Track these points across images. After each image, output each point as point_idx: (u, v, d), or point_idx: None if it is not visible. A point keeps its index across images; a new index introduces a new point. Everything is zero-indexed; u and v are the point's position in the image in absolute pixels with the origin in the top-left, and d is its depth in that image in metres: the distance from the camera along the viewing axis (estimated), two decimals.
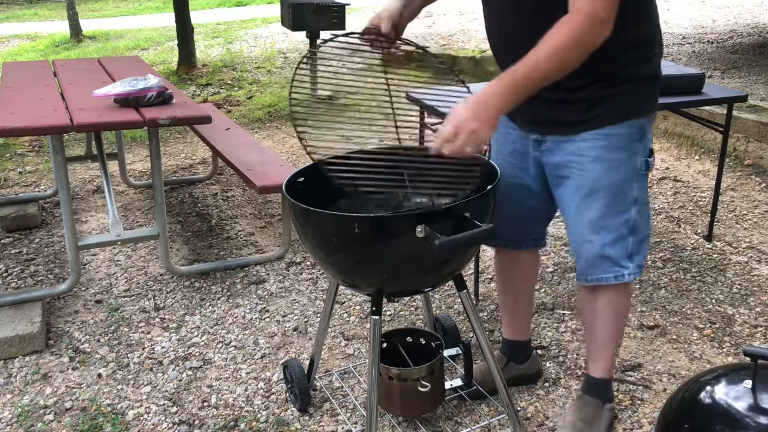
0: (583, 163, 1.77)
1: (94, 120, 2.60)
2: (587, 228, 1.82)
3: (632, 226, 1.81)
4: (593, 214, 1.80)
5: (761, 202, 3.69)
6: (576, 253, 1.88)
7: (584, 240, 1.83)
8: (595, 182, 1.77)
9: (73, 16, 10.75)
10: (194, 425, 2.14)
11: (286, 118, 5.63)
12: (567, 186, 1.82)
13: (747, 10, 9.22)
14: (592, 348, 2.02)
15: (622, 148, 1.76)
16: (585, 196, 1.79)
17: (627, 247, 1.83)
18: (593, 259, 1.84)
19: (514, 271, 2.16)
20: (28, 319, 2.56)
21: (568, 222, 1.87)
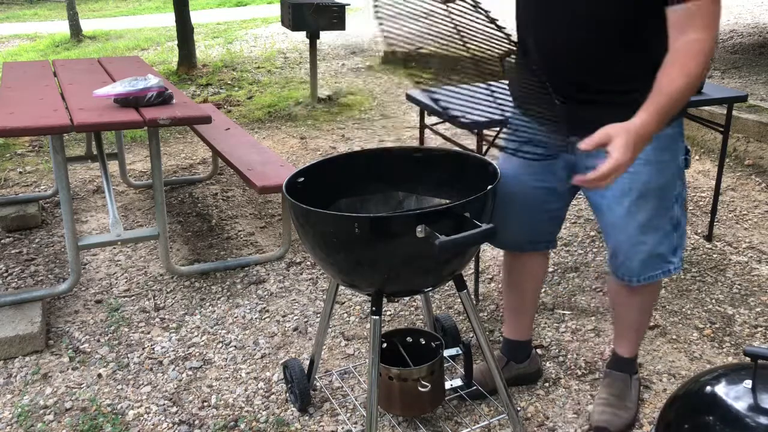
0: (634, 167, 1.75)
1: (94, 120, 2.60)
2: (639, 230, 1.82)
3: (675, 222, 1.86)
4: (644, 216, 1.81)
5: (761, 202, 3.69)
6: (625, 255, 1.87)
7: (637, 242, 1.84)
8: (646, 185, 1.78)
9: (73, 16, 10.75)
10: (194, 425, 2.14)
11: (286, 118, 5.63)
12: (613, 188, 1.81)
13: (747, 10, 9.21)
14: (623, 333, 2.10)
15: (668, 148, 1.78)
16: (637, 199, 1.79)
17: (672, 242, 1.87)
18: (647, 260, 1.86)
19: (522, 271, 2.16)
20: (28, 319, 2.56)
21: (613, 223, 1.86)
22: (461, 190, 1.99)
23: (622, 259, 1.88)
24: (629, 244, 1.85)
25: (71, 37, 10.70)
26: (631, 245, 1.85)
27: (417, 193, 2.08)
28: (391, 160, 2.08)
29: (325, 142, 4.98)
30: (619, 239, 1.86)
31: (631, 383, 2.13)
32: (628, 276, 1.90)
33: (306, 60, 7.47)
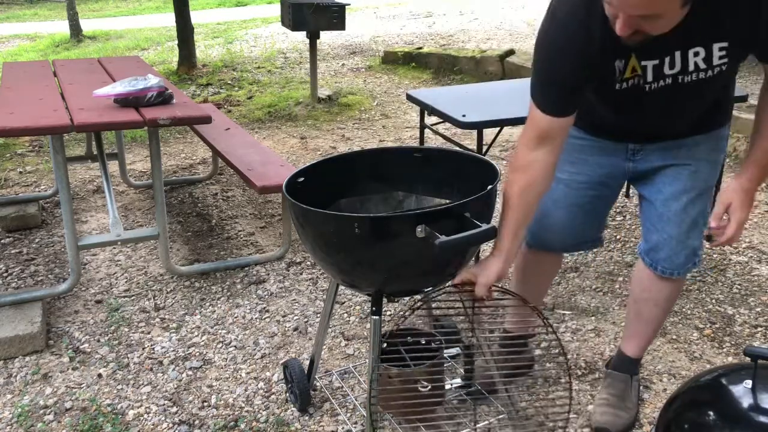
0: (696, 165, 1.83)
1: (94, 120, 2.60)
2: (691, 226, 1.88)
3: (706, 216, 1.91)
4: (695, 212, 1.87)
5: (761, 202, 3.69)
6: (671, 250, 1.90)
7: (687, 237, 1.88)
8: (706, 183, 1.86)
9: (73, 16, 10.75)
10: (194, 425, 2.14)
11: (286, 118, 5.63)
12: (672, 185, 1.85)
13: None
14: (640, 330, 2.09)
15: (721, 149, 1.87)
16: (695, 197, 1.85)
17: (701, 235, 1.92)
18: (690, 255, 1.91)
19: (540, 268, 2.17)
20: (28, 319, 2.56)
21: (666, 218, 1.88)
22: (461, 190, 1.99)
23: (668, 253, 1.90)
24: (678, 240, 1.89)
25: (71, 37, 10.70)
26: (680, 241, 1.89)
27: (417, 193, 2.08)
28: (391, 160, 2.08)
29: (325, 142, 4.98)
30: (670, 234, 1.89)
31: (632, 384, 2.13)
32: (670, 270, 1.92)
33: (306, 60, 7.47)
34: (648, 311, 2.05)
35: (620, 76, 1.63)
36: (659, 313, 2.05)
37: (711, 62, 1.58)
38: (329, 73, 7.25)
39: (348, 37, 9.10)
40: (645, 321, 2.08)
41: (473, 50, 6.82)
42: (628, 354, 2.14)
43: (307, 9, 5.40)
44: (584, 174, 1.94)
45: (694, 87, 1.64)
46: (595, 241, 2.11)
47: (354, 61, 7.84)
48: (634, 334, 2.12)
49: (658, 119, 1.77)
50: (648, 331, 2.09)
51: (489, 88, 3.00)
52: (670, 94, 1.65)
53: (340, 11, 5.52)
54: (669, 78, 1.62)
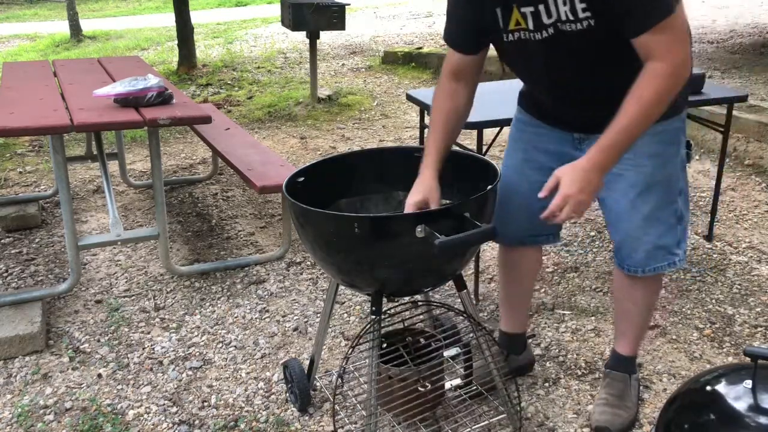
0: (639, 159, 1.80)
1: (94, 120, 2.60)
2: (644, 222, 1.85)
3: (679, 215, 1.88)
4: (649, 208, 1.84)
5: (761, 202, 3.69)
6: (630, 247, 1.90)
7: (642, 233, 1.87)
8: (652, 177, 1.82)
9: (73, 16, 10.76)
10: (194, 425, 2.14)
11: (286, 118, 5.63)
12: (618, 182, 1.84)
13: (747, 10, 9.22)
14: (624, 328, 2.09)
15: (672, 142, 1.82)
16: (642, 191, 1.83)
17: (677, 235, 1.89)
18: (651, 251, 1.88)
19: (519, 266, 2.18)
20: (28, 319, 2.56)
21: (618, 216, 1.89)
22: (461, 190, 1.99)
23: (628, 251, 1.91)
24: (634, 236, 1.88)
25: (71, 37, 10.70)
26: (635, 237, 1.88)
27: None
28: (391, 160, 2.08)
29: (325, 142, 4.98)
30: (625, 230, 1.89)
31: (631, 383, 2.13)
32: (633, 267, 1.92)
33: (306, 60, 7.47)
34: (629, 311, 2.05)
35: (505, 26, 1.70)
36: (640, 311, 2.04)
37: (576, 14, 1.58)
38: (329, 73, 7.25)
39: (348, 37, 9.10)
40: (629, 321, 2.08)
41: None
42: (621, 352, 2.14)
43: (307, 9, 5.40)
44: (535, 161, 1.96)
45: (579, 39, 1.62)
46: (550, 235, 2.10)
47: (354, 61, 7.84)
48: (622, 333, 2.12)
49: (572, 84, 1.74)
50: (634, 329, 2.09)
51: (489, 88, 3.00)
52: (559, 46, 1.66)
53: (340, 11, 5.52)
54: (551, 28, 1.63)
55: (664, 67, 1.55)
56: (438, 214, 1.64)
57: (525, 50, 1.73)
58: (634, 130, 1.60)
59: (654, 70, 1.56)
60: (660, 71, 1.55)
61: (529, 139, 1.98)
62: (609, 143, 1.61)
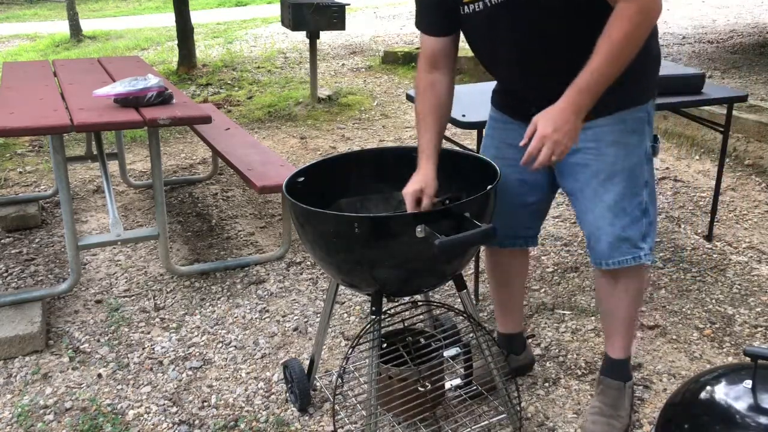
0: (601, 148, 1.80)
1: (94, 120, 2.60)
2: (607, 211, 1.84)
3: (644, 208, 1.86)
4: (612, 197, 1.82)
5: (761, 202, 3.69)
6: (594, 237, 1.89)
7: (605, 223, 1.85)
8: (614, 166, 1.80)
9: (73, 16, 10.76)
10: (194, 425, 2.14)
11: (286, 118, 5.63)
12: (582, 171, 1.84)
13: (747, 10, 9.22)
14: (611, 329, 2.05)
15: (635, 131, 1.81)
16: (604, 180, 1.82)
17: (641, 228, 1.87)
18: (614, 242, 1.86)
19: (506, 269, 2.19)
20: (28, 319, 2.56)
21: (583, 207, 1.88)
22: (461, 190, 1.99)
23: (593, 242, 1.89)
24: (596, 226, 1.86)
25: (71, 37, 10.70)
26: (598, 226, 1.86)
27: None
28: (391, 160, 2.08)
29: (325, 142, 4.98)
30: (589, 221, 1.88)
31: (625, 391, 2.08)
32: (597, 259, 1.90)
33: (306, 60, 7.47)
34: (613, 309, 2.02)
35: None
36: (623, 308, 1.99)
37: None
38: (329, 73, 7.25)
39: (348, 37, 9.10)
40: (616, 319, 2.03)
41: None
42: (613, 356, 2.08)
43: (307, 9, 5.40)
44: (506, 158, 1.96)
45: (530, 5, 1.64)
46: (528, 238, 2.10)
47: (354, 61, 7.84)
48: (610, 335, 2.07)
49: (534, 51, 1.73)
50: (622, 329, 2.04)
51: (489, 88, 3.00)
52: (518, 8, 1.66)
53: (340, 11, 5.52)
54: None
55: (631, 6, 1.56)
56: (438, 214, 1.64)
57: (485, 23, 1.74)
58: (606, 69, 1.59)
59: (622, 11, 1.57)
60: (628, 11, 1.56)
61: (500, 136, 1.99)
62: (583, 83, 1.61)
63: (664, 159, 4.38)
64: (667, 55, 6.50)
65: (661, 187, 3.92)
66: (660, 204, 3.69)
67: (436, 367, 1.97)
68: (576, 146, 1.80)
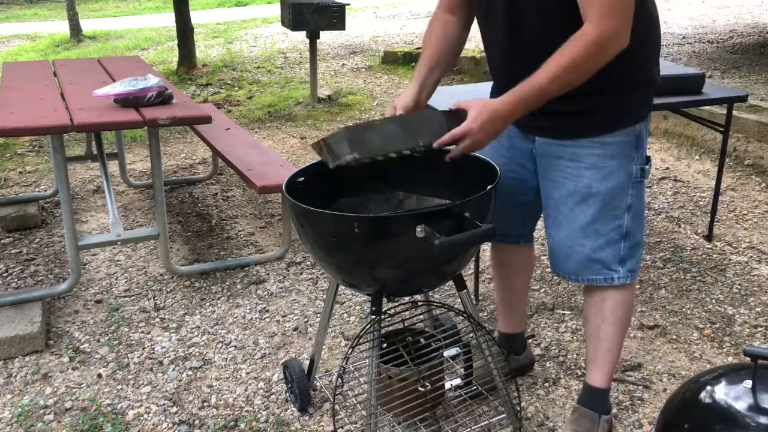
0: (579, 169, 1.78)
1: (94, 120, 2.60)
2: (579, 232, 1.83)
3: (625, 232, 1.82)
4: (585, 218, 1.81)
5: (761, 202, 3.69)
6: (563, 254, 1.88)
7: (576, 242, 1.84)
8: (589, 188, 1.78)
9: (73, 16, 10.76)
10: (194, 425, 2.14)
11: (286, 118, 5.63)
12: (559, 188, 1.83)
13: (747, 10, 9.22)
14: (596, 354, 1.97)
15: (616, 156, 1.76)
16: (579, 201, 1.80)
17: (619, 251, 1.83)
18: (585, 262, 1.85)
19: (512, 266, 2.18)
20: (28, 319, 2.56)
21: (556, 223, 1.87)
22: (461, 190, 1.99)
23: (562, 258, 1.88)
24: (567, 245, 1.85)
25: (71, 37, 10.70)
26: (569, 245, 1.85)
27: (417, 193, 2.08)
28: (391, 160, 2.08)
29: None
30: (561, 237, 1.87)
31: (599, 424, 1.96)
32: (567, 274, 1.89)
33: (306, 60, 7.47)
34: (598, 328, 1.93)
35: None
36: (609, 329, 1.91)
37: None
38: (329, 73, 7.25)
39: (348, 37, 9.10)
40: (599, 341, 1.94)
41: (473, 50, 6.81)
42: (593, 384, 1.98)
43: (307, 9, 5.40)
44: (502, 156, 1.97)
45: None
46: (520, 236, 2.09)
47: (354, 61, 7.84)
48: (593, 358, 1.97)
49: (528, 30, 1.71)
50: (605, 353, 1.94)
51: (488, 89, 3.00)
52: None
53: (340, 11, 5.52)
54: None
55: (591, 33, 1.53)
56: (438, 214, 1.64)
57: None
58: (546, 88, 1.59)
59: (582, 33, 1.55)
60: (586, 37, 1.54)
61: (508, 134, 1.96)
62: (518, 96, 1.62)
63: (664, 159, 4.38)
64: (667, 55, 6.50)
65: (661, 187, 3.92)
66: (660, 204, 3.69)
67: (436, 367, 1.97)
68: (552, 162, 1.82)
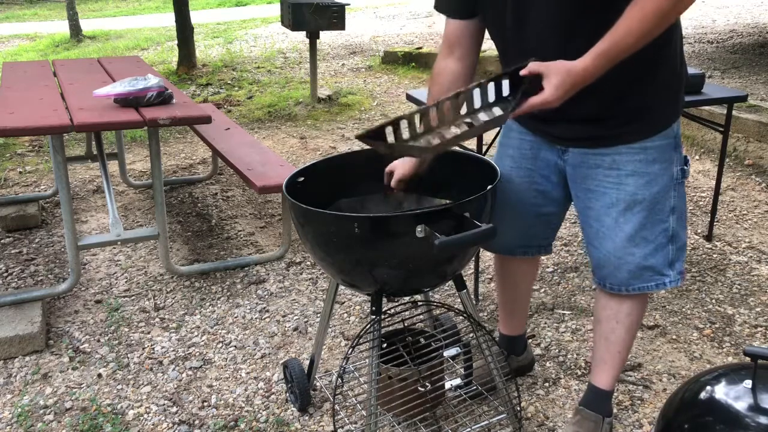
0: (620, 177, 1.74)
1: (94, 120, 2.60)
2: (627, 241, 1.78)
3: (671, 235, 1.79)
4: (632, 227, 1.76)
5: (761, 202, 3.69)
6: (613, 265, 1.82)
7: (625, 252, 1.79)
8: (634, 196, 1.74)
9: (73, 16, 10.75)
10: (194, 425, 2.14)
11: (286, 118, 5.63)
12: (600, 199, 1.78)
13: (747, 10, 9.22)
14: (605, 355, 1.96)
15: (657, 160, 1.73)
16: (624, 210, 1.76)
17: (668, 255, 1.80)
18: (636, 271, 1.80)
19: (514, 274, 2.16)
20: (28, 319, 2.56)
21: (601, 234, 1.81)
22: (461, 190, 1.99)
23: (611, 269, 1.83)
24: (616, 256, 1.80)
25: (71, 37, 10.70)
26: (618, 256, 1.80)
27: (417, 193, 2.08)
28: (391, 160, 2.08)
29: (325, 142, 4.98)
30: (608, 249, 1.81)
31: (603, 426, 1.96)
32: (617, 286, 1.84)
33: (306, 60, 7.47)
34: (611, 331, 1.92)
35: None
36: (623, 332, 1.91)
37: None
38: (329, 73, 7.25)
39: (348, 37, 9.10)
40: (611, 343, 1.93)
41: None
42: (598, 385, 1.98)
43: (307, 9, 5.40)
44: (524, 168, 1.92)
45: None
46: (541, 247, 2.05)
47: (354, 61, 7.84)
48: (601, 360, 1.97)
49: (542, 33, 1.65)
50: (615, 355, 1.94)
51: None
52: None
53: (340, 11, 5.52)
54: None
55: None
56: (438, 214, 1.64)
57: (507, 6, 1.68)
58: (630, 39, 1.50)
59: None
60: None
61: (517, 145, 1.94)
62: (601, 50, 1.51)
63: None
64: None
65: None
66: None
67: (436, 367, 1.98)
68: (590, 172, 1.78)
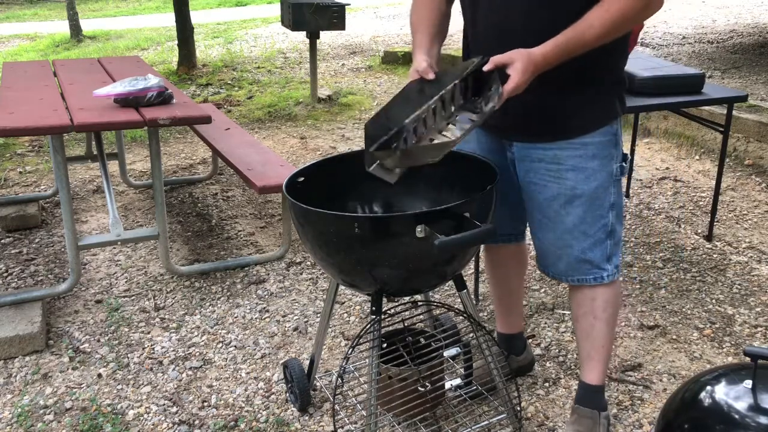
0: (560, 172, 1.78)
1: (94, 120, 2.60)
2: (567, 234, 1.83)
3: (610, 230, 1.84)
4: (572, 220, 1.81)
5: (761, 202, 3.69)
6: (553, 256, 1.89)
7: (564, 244, 1.85)
8: (573, 190, 1.78)
9: (73, 16, 10.75)
10: (194, 425, 2.14)
11: (286, 118, 5.63)
12: (543, 192, 1.83)
13: (747, 10, 9.22)
14: (590, 352, 1.98)
15: (597, 156, 1.77)
16: (564, 203, 1.80)
17: (606, 250, 1.85)
18: (575, 263, 1.86)
19: (505, 266, 2.19)
20: (28, 319, 2.56)
21: (542, 225, 1.87)
22: (461, 190, 1.99)
23: (552, 259, 1.89)
24: (556, 246, 1.86)
25: (71, 37, 10.70)
26: (558, 247, 1.85)
27: (417, 193, 2.08)
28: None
29: (325, 142, 4.98)
30: (549, 240, 1.87)
31: (600, 421, 1.98)
32: (558, 275, 1.90)
33: (306, 60, 7.47)
34: (590, 327, 1.94)
35: None
36: (602, 326, 1.93)
37: None
38: (329, 73, 7.25)
39: (348, 37, 9.10)
40: (593, 339, 1.95)
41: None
42: (589, 382, 2.00)
43: (307, 9, 5.40)
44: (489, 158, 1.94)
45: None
46: (511, 235, 2.09)
47: (354, 61, 7.84)
48: (587, 356, 1.99)
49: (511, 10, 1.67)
50: (599, 350, 1.96)
51: None
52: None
53: (340, 11, 5.52)
54: None
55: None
56: (438, 214, 1.64)
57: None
58: (589, 37, 1.56)
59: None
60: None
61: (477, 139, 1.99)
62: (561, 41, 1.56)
63: (664, 159, 4.38)
64: (667, 55, 6.50)
65: (661, 187, 3.92)
66: (660, 204, 3.70)
67: (436, 367, 1.98)
68: (533, 165, 1.81)
